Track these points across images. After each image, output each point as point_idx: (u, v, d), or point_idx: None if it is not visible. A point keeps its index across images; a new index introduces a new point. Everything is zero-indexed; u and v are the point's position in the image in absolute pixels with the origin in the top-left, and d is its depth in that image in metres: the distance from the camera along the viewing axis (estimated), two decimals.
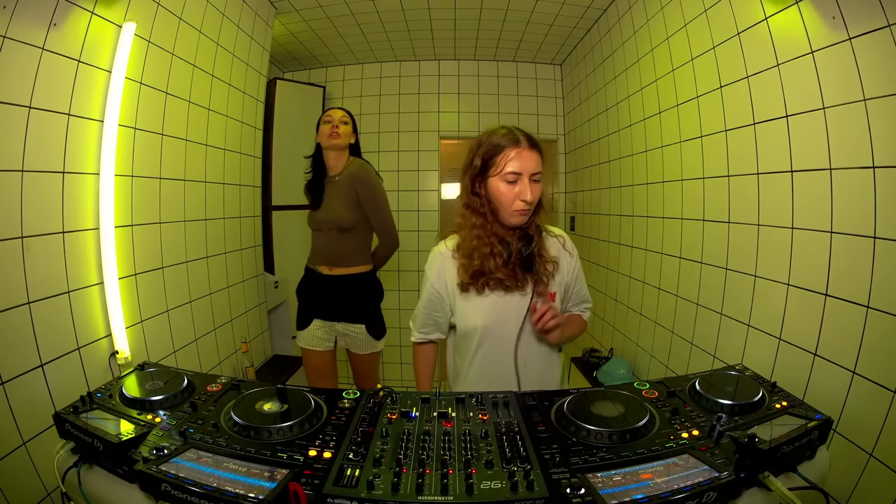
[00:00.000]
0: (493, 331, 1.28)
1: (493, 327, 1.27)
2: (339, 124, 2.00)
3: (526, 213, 1.21)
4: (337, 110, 2.07)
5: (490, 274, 1.23)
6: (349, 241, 2.02)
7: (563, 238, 1.35)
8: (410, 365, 3.80)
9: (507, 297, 1.26)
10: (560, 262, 1.30)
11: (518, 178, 1.18)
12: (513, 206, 1.19)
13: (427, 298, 1.37)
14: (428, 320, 1.40)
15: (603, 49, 2.85)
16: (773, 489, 0.81)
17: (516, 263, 1.24)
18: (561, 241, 1.34)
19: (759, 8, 1.46)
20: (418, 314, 1.42)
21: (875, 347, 1.13)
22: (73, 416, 0.97)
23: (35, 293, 1.27)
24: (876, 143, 1.12)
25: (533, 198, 1.18)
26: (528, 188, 1.17)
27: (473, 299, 1.27)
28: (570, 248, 1.35)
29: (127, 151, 1.61)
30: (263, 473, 0.82)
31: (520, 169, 1.17)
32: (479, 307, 1.27)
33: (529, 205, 1.19)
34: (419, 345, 1.47)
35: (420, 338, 1.45)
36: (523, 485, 0.80)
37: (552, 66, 3.75)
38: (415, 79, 3.74)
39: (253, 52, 2.50)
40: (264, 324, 2.75)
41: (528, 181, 1.18)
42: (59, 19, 1.30)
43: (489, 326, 1.27)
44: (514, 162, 1.17)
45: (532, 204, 1.20)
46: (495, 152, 1.20)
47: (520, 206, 1.19)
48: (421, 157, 3.75)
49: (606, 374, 2.44)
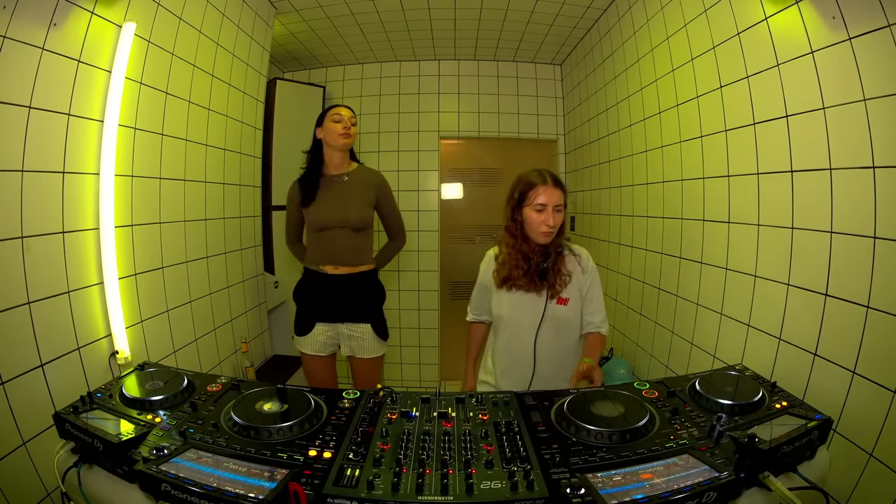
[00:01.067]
0: (513, 319, 1.65)
1: (513, 316, 1.64)
2: (350, 125, 1.97)
3: (550, 234, 1.56)
4: (345, 109, 2.01)
5: (514, 280, 1.61)
6: (359, 240, 2.00)
7: (581, 256, 1.67)
8: (410, 365, 3.83)
9: (527, 296, 1.61)
10: (574, 275, 1.63)
11: (544, 209, 1.54)
12: (540, 228, 1.55)
13: (478, 287, 1.79)
14: (478, 305, 1.81)
15: (603, 49, 2.85)
16: (773, 489, 0.81)
17: (534, 273, 1.59)
18: (578, 259, 1.66)
19: (759, 8, 1.46)
20: (472, 300, 1.83)
21: (875, 347, 1.13)
22: (73, 416, 0.97)
23: (35, 293, 1.27)
24: (876, 143, 1.12)
25: (555, 223, 1.55)
26: (551, 216, 1.54)
27: (503, 294, 1.65)
28: (584, 265, 1.66)
29: (127, 151, 1.61)
30: (263, 473, 0.82)
31: (546, 202, 1.54)
32: (506, 300, 1.65)
33: (552, 228, 1.55)
34: (472, 324, 1.86)
35: (473, 318, 1.84)
36: (523, 485, 0.80)
37: (552, 66, 3.75)
38: (415, 79, 3.73)
39: (253, 52, 2.50)
40: (264, 324, 2.75)
41: (551, 211, 1.54)
42: (59, 19, 1.30)
43: (511, 315, 1.65)
44: (541, 196, 1.54)
45: (554, 228, 1.56)
46: (529, 188, 1.57)
47: (544, 229, 1.54)
48: (421, 157, 3.75)
49: (606, 374, 2.44)
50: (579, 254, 1.67)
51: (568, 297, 1.61)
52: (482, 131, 3.77)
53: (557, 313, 1.61)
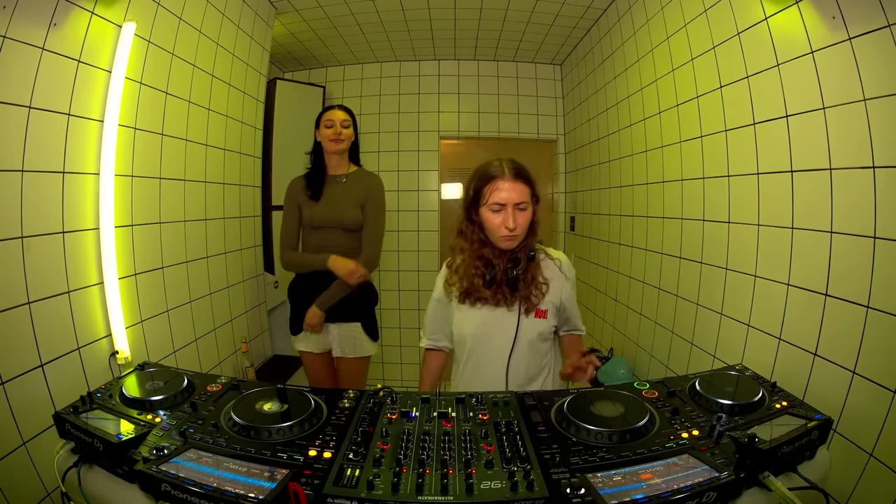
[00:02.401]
0: (481, 340, 1.39)
1: (481, 337, 1.38)
2: (341, 129, 1.98)
3: (512, 238, 1.30)
4: (338, 111, 2.02)
5: (476, 292, 1.35)
6: (351, 239, 2.02)
7: (560, 262, 1.43)
8: (410, 365, 3.83)
9: (496, 311, 1.36)
10: (552, 283, 1.38)
11: (503, 209, 1.27)
12: (499, 232, 1.29)
13: (434, 306, 1.50)
14: (435, 326, 1.51)
15: (603, 49, 2.85)
16: (773, 489, 0.81)
17: (503, 283, 1.33)
18: (557, 265, 1.42)
19: (759, 8, 1.46)
20: (426, 321, 1.53)
21: (875, 347, 1.13)
22: (73, 416, 0.97)
23: (35, 293, 1.27)
24: (876, 143, 1.12)
25: (516, 225, 1.27)
26: (510, 217, 1.26)
27: (466, 311, 1.39)
28: (566, 270, 1.42)
29: (127, 151, 1.61)
30: (263, 473, 0.82)
31: (504, 199, 1.26)
32: (470, 318, 1.39)
33: (513, 232, 1.28)
34: (428, 350, 1.56)
35: (429, 344, 1.53)
36: (523, 485, 0.80)
37: (552, 66, 3.75)
38: (415, 79, 3.74)
39: (253, 52, 2.50)
40: (264, 324, 2.75)
41: (511, 210, 1.26)
42: (59, 19, 1.30)
43: (478, 336, 1.38)
44: (498, 192, 1.27)
45: (517, 230, 1.28)
46: (484, 183, 1.30)
47: (504, 232, 1.28)
48: (421, 157, 3.75)
49: (606, 374, 2.44)
50: (558, 258, 1.43)
51: (546, 309, 1.37)
52: (482, 131, 3.77)
53: (535, 329, 1.35)
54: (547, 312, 1.37)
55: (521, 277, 1.33)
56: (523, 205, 1.28)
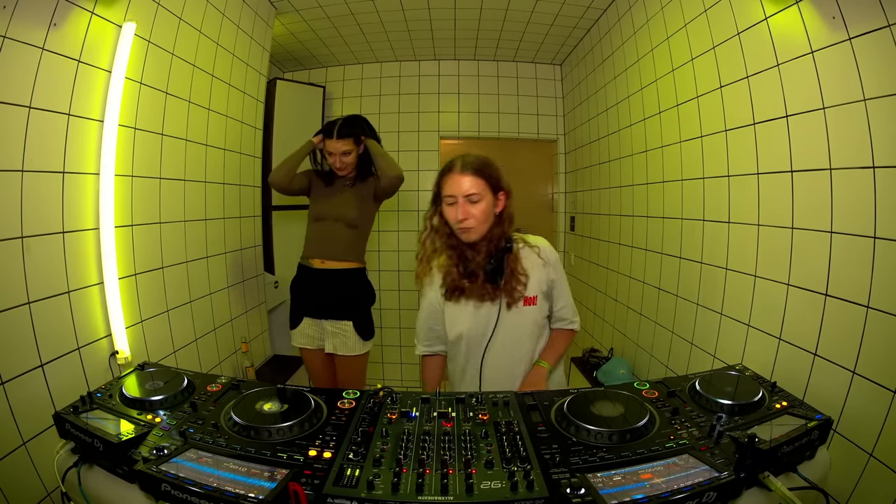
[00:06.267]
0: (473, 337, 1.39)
1: (473, 333, 1.39)
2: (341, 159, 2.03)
3: (467, 230, 1.31)
4: (336, 142, 2.00)
5: (455, 284, 1.36)
6: (351, 235, 2.06)
7: (539, 248, 1.41)
8: (410, 365, 3.83)
9: (481, 306, 1.37)
10: (533, 272, 1.38)
11: (455, 201, 1.30)
12: (454, 225, 1.32)
13: (426, 310, 1.48)
14: (430, 333, 1.50)
15: (603, 49, 2.85)
16: (773, 489, 0.81)
17: (483, 277, 1.34)
18: (536, 251, 1.41)
19: (759, 8, 1.46)
20: (420, 328, 1.53)
21: (875, 347, 1.13)
22: (73, 416, 0.97)
23: (35, 293, 1.27)
24: (876, 143, 1.12)
25: (467, 216, 1.29)
26: (459, 209, 1.29)
27: (454, 308, 1.40)
28: (546, 256, 1.41)
29: (127, 151, 1.61)
30: (263, 473, 0.82)
31: (454, 192, 1.30)
32: (460, 316, 1.40)
33: (464, 224, 1.30)
34: (425, 357, 1.56)
35: (424, 351, 1.54)
36: (523, 485, 0.80)
37: (552, 66, 3.75)
38: (415, 79, 3.73)
39: (253, 52, 2.50)
40: (264, 324, 2.75)
41: (461, 202, 1.29)
42: (59, 19, 1.30)
43: (470, 333, 1.39)
44: (448, 186, 1.31)
45: (468, 222, 1.30)
46: (439, 178, 1.35)
47: (457, 225, 1.31)
48: (421, 157, 3.75)
49: (606, 374, 2.44)
50: (537, 245, 1.42)
51: (535, 295, 1.38)
52: (482, 131, 3.76)
53: (529, 317, 1.38)
54: (536, 299, 1.38)
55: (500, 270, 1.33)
56: (474, 196, 1.29)
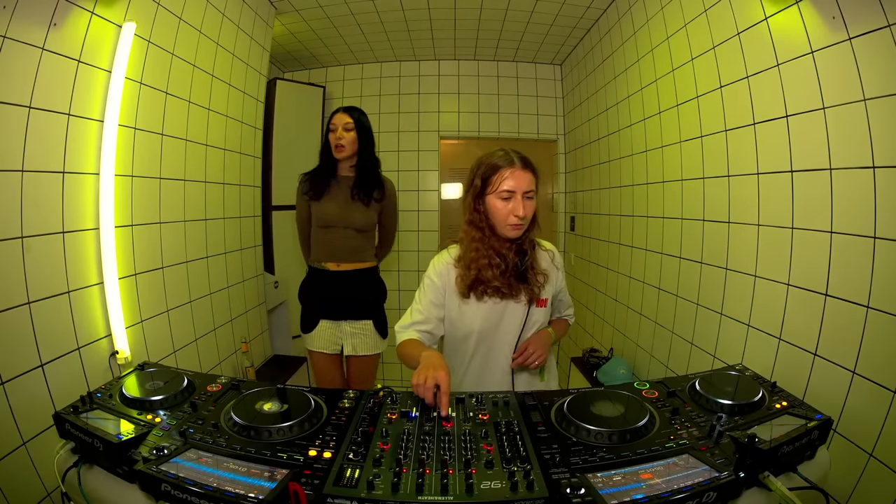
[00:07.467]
0: (489, 334, 1.39)
1: (489, 331, 1.38)
2: (343, 133, 1.96)
3: (520, 227, 1.31)
4: (341, 114, 1.98)
5: (487, 283, 1.33)
6: (361, 239, 2.04)
7: (553, 253, 1.47)
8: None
9: (503, 304, 1.36)
10: (549, 274, 1.42)
11: (512, 196, 1.29)
12: (507, 220, 1.30)
13: (429, 300, 1.40)
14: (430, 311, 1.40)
15: (603, 49, 2.85)
16: (773, 489, 0.81)
17: (512, 274, 1.35)
18: (550, 256, 1.46)
19: (759, 8, 1.46)
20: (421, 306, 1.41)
21: (875, 347, 1.13)
22: (73, 416, 0.97)
23: (35, 293, 1.27)
24: (876, 143, 1.12)
25: (525, 213, 1.29)
26: (520, 204, 1.28)
27: (472, 304, 1.37)
28: (557, 262, 1.47)
29: (127, 151, 1.61)
30: (263, 473, 0.82)
31: (513, 187, 1.28)
32: (478, 312, 1.37)
33: (522, 220, 1.29)
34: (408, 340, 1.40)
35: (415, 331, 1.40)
36: (523, 485, 0.80)
37: (552, 66, 3.75)
38: (415, 79, 3.73)
39: (253, 52, 2.50)
40: (264, 324, 2.75)
41: (520, 198, 1.28)
42: (59, 19, 1.30)
43: (486, 330, 1.38)
44: (508, 181, 1.28)
45: (525, 219, 1.30)
46: (492, 172, 1.31)
47: (513, 220, 1.29)
48: (421, 157, 3.75)
49: (606, 374, 2.44)
50: (551, 249, 1.47)
51: (547, 298, 1.42)
52: (482, 131, 3.77)
53: (541, 318, 1.41)
54: (547, 301, 1.42)
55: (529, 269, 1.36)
56: (531, 193, 1.30)
